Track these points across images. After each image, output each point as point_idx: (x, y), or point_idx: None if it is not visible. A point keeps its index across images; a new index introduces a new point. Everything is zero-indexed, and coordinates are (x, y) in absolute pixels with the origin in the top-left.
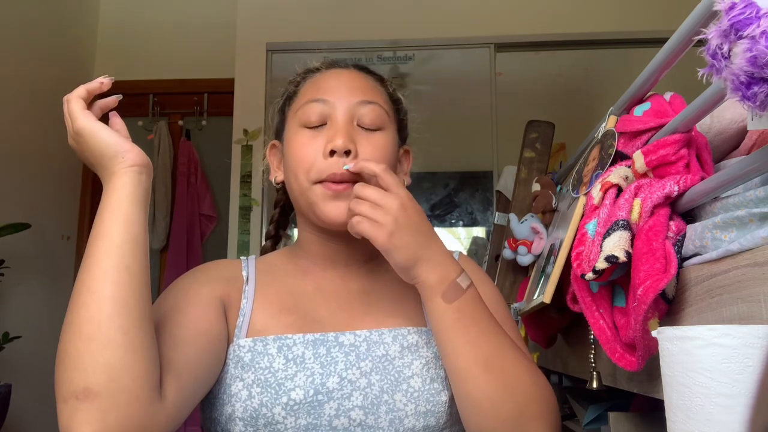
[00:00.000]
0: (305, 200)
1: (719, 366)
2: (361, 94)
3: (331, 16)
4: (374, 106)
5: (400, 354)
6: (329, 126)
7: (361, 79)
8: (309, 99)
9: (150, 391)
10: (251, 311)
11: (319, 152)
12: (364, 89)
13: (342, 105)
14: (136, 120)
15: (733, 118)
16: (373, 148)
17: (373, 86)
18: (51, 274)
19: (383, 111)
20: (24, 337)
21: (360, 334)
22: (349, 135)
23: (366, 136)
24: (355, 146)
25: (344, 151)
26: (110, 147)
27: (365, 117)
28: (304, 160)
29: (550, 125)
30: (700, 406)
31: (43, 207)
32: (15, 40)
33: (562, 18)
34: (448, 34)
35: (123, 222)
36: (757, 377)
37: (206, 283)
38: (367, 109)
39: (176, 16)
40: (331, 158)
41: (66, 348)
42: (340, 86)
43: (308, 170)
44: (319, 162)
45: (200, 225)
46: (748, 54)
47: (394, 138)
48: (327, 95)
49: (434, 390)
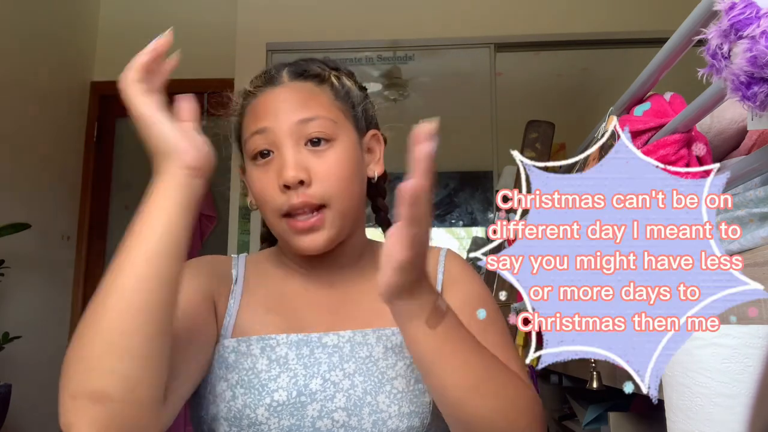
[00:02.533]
0: (276, 233)
1: (719, 366)
2: (299, 111)
3: (331, 16)
4: (317, 121)
5: (383, 355)
6: (276, 155)
7: (296, 92)
8: (251, 131)
9: (159, 399)
10: (237, 311)
11: (274, 185)
12: (302, 104)
13: (282, 129)
14: None
15: (733, 118)
16: (327, 167)
17: (311, 95)
18: (51, 274)
19: (328, 121)
20: (24, 337)
21: (344, 335)
22: (298, 164)
23: (316, 155)
24: (308, 173)
25: (297, 182)
26: (166, 143)
27: (311, 135)
28: (263, 197)
29: (550, 125)
30: (700, 406)
31: (43, 207)
32: (15, 40)
33: (562, 18)
34: (448, 34)
35: (166, 229)
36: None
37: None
38: (310, 127)
39: (176, 16)
40: (288, 191)
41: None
42: (276, 109)
43: (270, 205)
44: (278, 197)
45: (200, 225)
46: (748, 54)
47: (351, 140)
48: (265, 122)
49: (418, 391)
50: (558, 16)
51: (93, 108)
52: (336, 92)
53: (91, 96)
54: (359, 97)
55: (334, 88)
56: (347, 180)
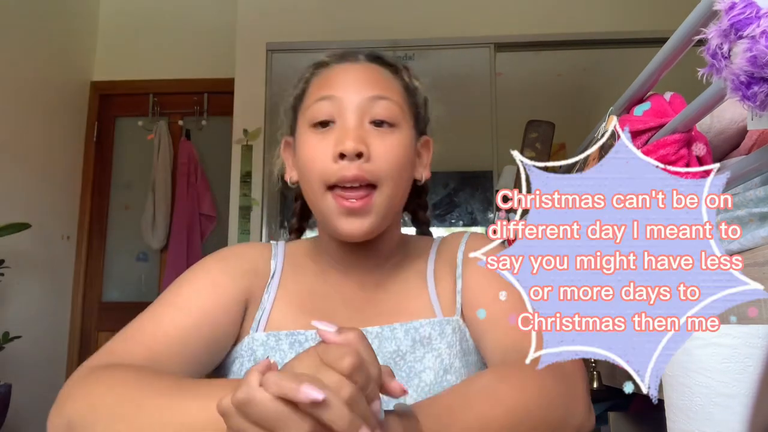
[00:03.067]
0: (319, 210)
1: (719, 366)
2: (372, 88)
3: (331, 16)
4: (387, 101)
5: (411, 348)
6: (338, 125)
7: (372, 72)
8: (317, 97)
9: None
10: (271, 307)
11: (328, 154)
12: (375, 83)
13: (351, 102)
14: (136, 120)
15: (733, 118)
16: (385, 148)
17: (386, 78)
18: (51, 274)
19: (397, 106)
20: (24, 337)
21: (371, 331)
22: (359, 136)
23: (379, 134)
24: (367, 147)
25: (355, 154)
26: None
27: (377, 114)
28: (314, 163)
29: (550, 125)
30: (700, 406)
31: (43, 207)
32: (15, 40)
33: (562, 18)
34: (448, 34)
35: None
36: (757, 377)
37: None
38: (379, 105)
39: (176, 16)
40: (341, 161)
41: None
42: (349, 81)
43: (319, 174)
44: (329, 165)
45: (200, 225)
46: (748, 54)
47: (410, 134)
48: (335, 91)
49: (446, 382)
50: (558, 16)
51: (93, 108)
52: (406, 86)
53: (91, 96)
54: (423, 100)
55: (405, 81)
56: (401, 166)
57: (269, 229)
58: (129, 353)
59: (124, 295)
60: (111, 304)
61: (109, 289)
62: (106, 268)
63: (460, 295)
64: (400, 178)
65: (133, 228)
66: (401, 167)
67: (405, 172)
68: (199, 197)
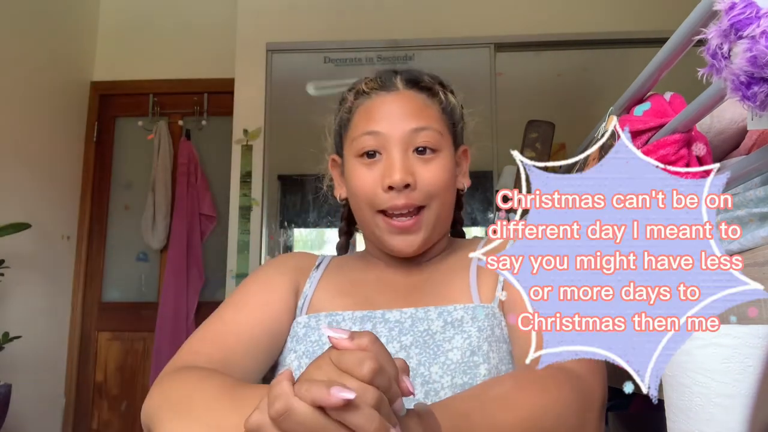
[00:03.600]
0: (370, 229)
1: (719, 366)
2: (413, 120)
3: (331, 16)
4: (428, 131)
5: (442, 329)
6: (385, 157)
7: (411, 101)
8: (362, 131)
9: None
10: (313, 293)
11: (377, 184)
12: (415, 113)
13: (395, 135)
14: (136, 120)
15: (733, 118)
16: (431, 174)
17: (424, 106)
18: (51, 274)
19: (437, 133)
20: (24, 337)
21: (406, 311)
22: (406, 168)
23: (422, 162)
24: (413, 177)
25: (403, 185)
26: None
27: (420, 143)
28: (365, 192)
29: (550, 125)
30: (700, 406)
31: (43, 207)
32: (15, 40)
33: (562, 18)
34: (448, 34)
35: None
36: (757, 377)
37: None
38: (421, 136)
39: (176, 16)
40: (390, 192)
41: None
42: (391, 115)
43: (370, 201)
44: (379, 194)
45: (200, 225)
46: (748, 54)
47: (451, 153)
48: (379, 126)
49: (473, 363)
50: (558, 16)
51: (93, 108)
52: (443, 107)
53: (91, 96)
54: (459, 114)
55: (442, 103)
56: (446, 188)
57: (269, 229)
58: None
59: (124, 295)
60: (111, 304)
61: (109, 289)
62: (106, 268)
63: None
64: (446, 195)
65: (133, 228)
66: (446, 188)
67: (449, 192)
68: (199, 197)
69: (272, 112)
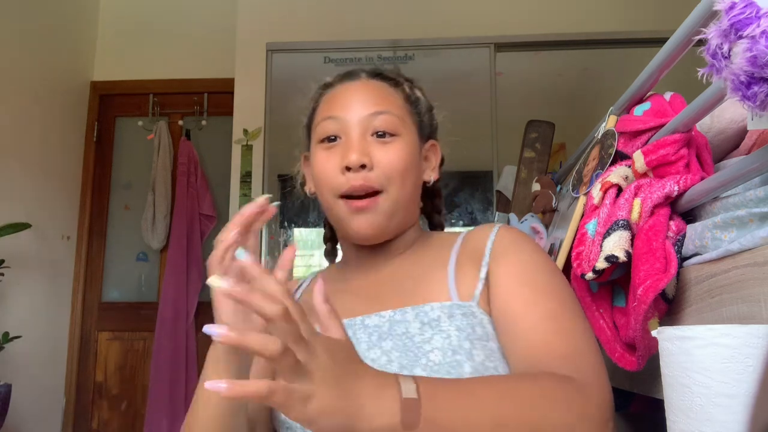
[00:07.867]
0: (334, 217)
1: (719, 366)
2: (371, 105)
3: (331, 16)
4: (386, 115)
5: (420, 330)
6: (343, 141)
7: (372, 88)
8: (323, 117)
9: None
10: None
11: (336, 168)
12: (375, 99)
13: (353, 119)
14: (136, 120)
15: (733, 118)
16: (387, 156)
17: (385, 94)
18: (51, 274)
19: (396, 118)
20: (24, 337)
21: (384, 315)
22: (362, 149)
23: (381, 145)
24: (370, 158)
25: (359, 165)
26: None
27: (378, 127)
28: (325, 176)
29: (550, 125)
30: (700, 406)
31: (43, 207)
32: (15, 39)
33: (562, 18)
34: (448, 34)
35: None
36: (757, 377)
37: None
38: (379, 119)
39: (176, 16)
40: (348, 173)
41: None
42: (350, 101)
43: (330, 185)
44: (338, 177)
45: (200, 225)
46: (748, 54)
47: (413, 140)
48: (339, 111)
49: (456, 362)
50: (558, 16)
51: (93, 108)
52: (407, 97)
53: (91, 96)
54: (426, 107)
55: (405, 93)
56: (404, 172)
57: (269, 229)
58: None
59: (124, 295)
60: (111, 304)
61: (109, 289)
62: (106, 268)
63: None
64: (404, 181)
65: (133, 228)
66: (404, 171)
67: (409, 176)
68: (199, 197)
69: (272, 112)
